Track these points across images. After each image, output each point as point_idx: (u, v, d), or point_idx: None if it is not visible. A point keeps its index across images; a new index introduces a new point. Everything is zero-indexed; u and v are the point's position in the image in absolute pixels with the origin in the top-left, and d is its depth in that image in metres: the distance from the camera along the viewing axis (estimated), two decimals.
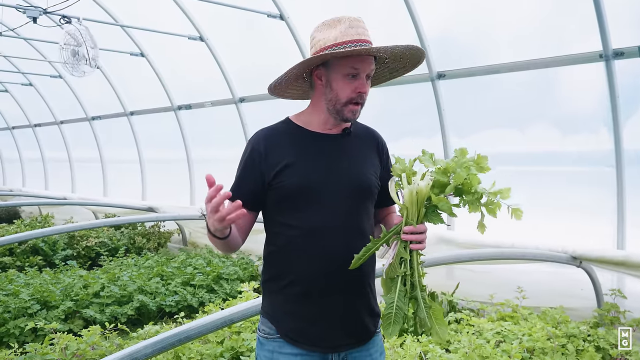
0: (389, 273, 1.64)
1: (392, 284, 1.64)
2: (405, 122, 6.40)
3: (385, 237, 1.66)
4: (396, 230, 1.64)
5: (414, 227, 1.60)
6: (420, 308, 1.60)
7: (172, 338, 2.46)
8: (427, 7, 5.39)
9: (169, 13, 7.58)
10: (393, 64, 1.91)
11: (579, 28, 4.82)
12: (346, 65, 1.75)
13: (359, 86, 1.76)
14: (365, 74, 1.77)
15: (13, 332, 4.61)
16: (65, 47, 6.30)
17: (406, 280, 1.62)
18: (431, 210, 1.62)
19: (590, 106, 4.91)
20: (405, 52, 1.82)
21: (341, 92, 1.77)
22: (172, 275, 6.12)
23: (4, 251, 7.70)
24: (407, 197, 1.59)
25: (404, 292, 1.61)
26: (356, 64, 1.74)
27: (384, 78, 1.99)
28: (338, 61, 1.76)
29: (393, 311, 1.59)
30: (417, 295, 1.61)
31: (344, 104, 1.78)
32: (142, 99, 9.98)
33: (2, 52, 10.95)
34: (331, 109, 1.81)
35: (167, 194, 9.94)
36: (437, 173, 1.59)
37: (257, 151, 1.82)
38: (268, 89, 1.92)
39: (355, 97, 1.77)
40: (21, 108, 13.65)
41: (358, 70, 1.75)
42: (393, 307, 1.59)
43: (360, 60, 1.75)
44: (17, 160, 15.54)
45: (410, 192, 1.58)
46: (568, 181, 5.24)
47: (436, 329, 1.60)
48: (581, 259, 4.31)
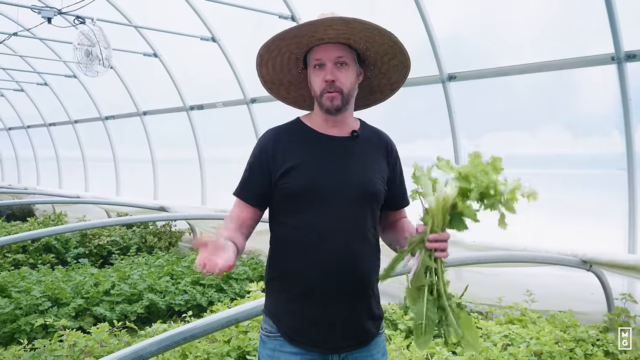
0: (415, 283, 1.60)
1: (418, 293, 1.60)
2: (416, 124, 6.38)
3: (411, 246, 1.62)
4: (421, 239, 1.60)
5: (439, 235, 1.56)
6: (450, 317, 1.57)
7: (178, 336, 2.47)
8: (438, 8, 5.37)
9: (182, 14, 7.63)
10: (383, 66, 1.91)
11: (590, 30, 4.78)
12: (312, 59, 1.82)
13: (325, 74, 1.79)
14: (331, 62, 1.79)
15: (24, 328, 4.66)
16: (79, 47, 6.37)
17: (433, 290, 1.58)
18: (456, 217, 1.58)
19: (602, 109, 4.87)
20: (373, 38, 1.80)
21: (315, 85, 1.83)
22: (182, 274, 6.15)
23: (17, 248, 7.78)
24: (435, 205, 1.56)
25: (432, 302, 1.58)
26: (317, 55, 1.81)
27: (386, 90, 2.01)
28: (309, 58, 1.84)
29: (423, 321, 1.56)
30: (444, 304, 1.58)
31: (320, 96, 1.81)
32: (155, 99, 10.05)
33: (18, 52, 11.08)
34: (318, 105, 1.85)
35: (179, 194, 10.00)
36: (458, 179, 1.55)
37: (265, 150, 1.83)
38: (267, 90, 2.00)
39: (325, 86, 1.79)
40: (36, 107, 13.79)
41: (320, 59, 1.80)
42: (423, 317, 1.56)
43: (322, 49, 1.80)
44: (32, 159, 15.70)
45: (437, 200, 1.55)
46: (579, 184, 5.19)
47: (467, 338, 1.56)
48: (591, 263, 4.27)
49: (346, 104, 1.83)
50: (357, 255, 1.68)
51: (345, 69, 1.81)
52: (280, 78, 1.96)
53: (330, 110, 1.81)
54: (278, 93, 2.02)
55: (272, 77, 1.96)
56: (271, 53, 1.86)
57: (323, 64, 1.80)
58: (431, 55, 5.47)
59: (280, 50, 1.85)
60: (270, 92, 2.01)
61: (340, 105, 1.81)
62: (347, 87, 1.81)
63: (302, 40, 1.81)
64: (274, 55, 1.87)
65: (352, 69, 1.83)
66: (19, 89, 13.51)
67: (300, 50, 1.86)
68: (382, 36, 1.80)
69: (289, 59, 1.90)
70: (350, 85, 1.83)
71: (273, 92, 2.01)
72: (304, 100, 2.04)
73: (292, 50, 1.86)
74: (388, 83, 1.99)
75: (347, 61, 1.82)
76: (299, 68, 1.93)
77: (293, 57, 1.89)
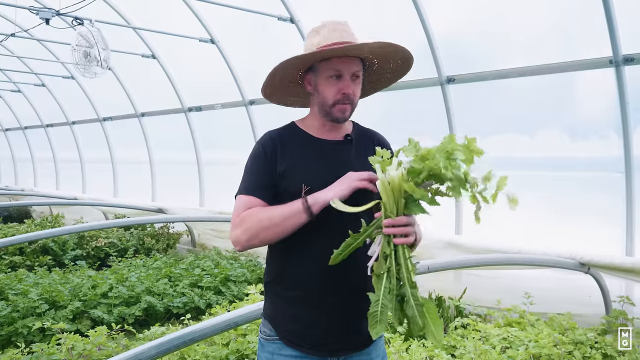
0: (376, 270, 1.56)
1: (377, 280, 1.54)
2: (415, 127, 6.39)
3: (365, 231, 1.59)
4: (377, 224, 1.57)
5: (393, 219, 1.53)
6: (410, 305, 1.49)
7: (177, 340, 2.47)
8: (437, 11, 5.38)
9: (181, 15, 7.63)
10: (384, 65, 1.92)
11: (589, 34, 4.79)
12: (329, 68, 1.80)
13: (343, 87, 1.79)
14: (349, 75, 1.80)
15: (21, 331, 4.64)
16: (77, 49, 6.35)
17: (391, 277, 1.51)
18: (411, 200, 1.51)
19: (600, 112, 4.88)
20: (387, 50, 1.82)
21: (327, 94, 1.81)
22: (180, 276, 6.14)
23: (14, 250, 7.77)
24: (380, 188, 1.53)
25: (389, 289, 1.51)
26: (338, 65, 1.78)
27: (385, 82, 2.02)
28: (322, 65, 1.81)
29: (379, 309, 1.49)
30: (405, 292, 1.50)
31: (331, 105, 1.81)
32: (153, 101, 10.04)
33: (16, 53, 11.07)
34: (322, 111, 1.85)
35: (177, 195, 9.99)
36: (414, 161, 1.48)
37: (268, 150, 1.84)
38: (264, 96, 1.96)
39: (341, 97, 1.80)
40: (34, 108, 13.77)
41: (340, 71, 1.79)
42: (378, 305, 1.49)
43: (342, 61, 1.79)
44: (29, 160, 15.67)
45: (383, 183, 1.51)
46: (577, 187, 5.21)
47: (430, 328, 1.47)
48: (589, 265, 4.28)
49: (352, 114, 1.87)
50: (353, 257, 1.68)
51: (358, 82, 1.84)
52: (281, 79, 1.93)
53: (339, 120, 1.84)
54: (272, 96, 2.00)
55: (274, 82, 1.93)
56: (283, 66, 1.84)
57: (341, 75, 1.80)
58: (430, 57, 5.48)
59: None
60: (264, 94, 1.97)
61: (349, 117, 1.85)
62: (357, 100, 1.85)
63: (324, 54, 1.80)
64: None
65: (361, 80, 1.86)
66: (16, 90, 13.49)
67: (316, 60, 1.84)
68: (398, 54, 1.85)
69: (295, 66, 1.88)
70: (358, 97, 1.87)
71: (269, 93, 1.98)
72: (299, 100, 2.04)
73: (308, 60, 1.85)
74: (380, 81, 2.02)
75: (360, 75, 1.84)
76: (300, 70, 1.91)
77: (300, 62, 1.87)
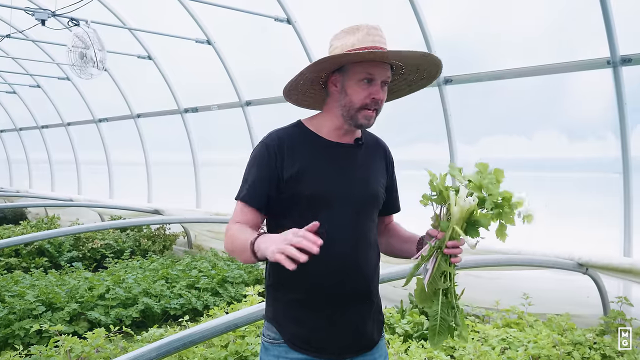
0: (430, 286, 1.69)
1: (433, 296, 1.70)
2: (412, 128, 6.39)
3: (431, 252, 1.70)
4: (438, 245, 1.68)
5: (458, 242, 1.64)
6: (458, 317, 1.69)
7: (177, 342, 2.46)
8: (434, 12, 5.38)
9: (177, 16, 7.61)
10: (410, 76, 1.91)
11: (586, 34, 4.80)
12: (361, 71, 1.75)
13: (374, 92, 1.76)
14: (380, 80, 1.76)
15: (18, 333, 4.62)
16: (73, 50, 6.33)
17: (449, 293, 1.69)
18: (471, 225, 1.67)
19: (598, 113, 4.89)
20: (421, 61, 1.81)
21: (355, 97, 1.77)
22: (177, 278, 6.12)
23: (10, 252, 7.73)
24: (458, 214, 1.63)
25: (447, 304, 1.69)
26: (371, 70, 1.74)
27: (403, 91, 2.00)
28: (353, 67, 1.76)
29: (438, 323, 1.67)
30: (454, 304, 1.70)
31: (357, 109, 1.77)
32: (149, 102, 10.01)
33: (11, 54, 11.02)
34: (345, 114, 1.80)
35: (173, 197, 9.97)
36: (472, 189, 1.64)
37: (273, 151, 1.78)
38: (283, 93, 1.90)
39: (370, 102, 1.76)
40: (29, 110, 13.72)
41: (373, 75, 1.75)
42: (437, 319, 1.67)
43: (375, 65, 1.75)
44: (24, 162, 15.61)
45: (462, 209, 1.62)
46: (575, 188, 5.22)
47: (463, 333, 1.70)
48: (587, 266, 4.29)
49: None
50: (362, 261, 1.67)
51: (386, 89, 1.81)
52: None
53: (362, 126, 1.81)
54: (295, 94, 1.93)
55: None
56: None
57: (373, 80, 1.76)
58: None
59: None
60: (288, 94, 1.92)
61: (373, 124, 1.83)
62: (382, 107, 1.82)
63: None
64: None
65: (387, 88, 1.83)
66: (11, 91, 13.43)
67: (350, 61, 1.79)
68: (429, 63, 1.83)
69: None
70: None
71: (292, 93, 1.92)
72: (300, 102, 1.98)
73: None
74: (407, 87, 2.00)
75: (388, 82, 1.82)
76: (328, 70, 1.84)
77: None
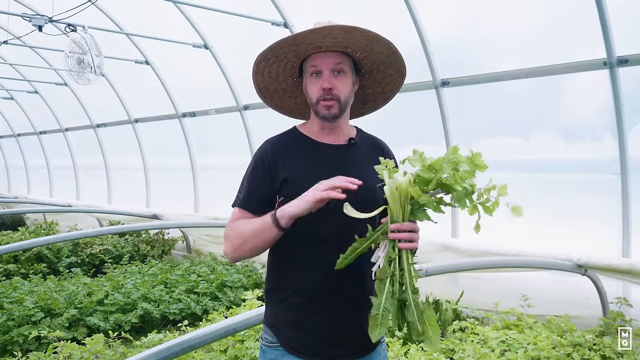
0: (380, 274, 1.59)
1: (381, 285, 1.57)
2: (410, 130, 6.39)
3: (371, 236, 1.61)
4: (383, 230, 1.60)
5: (400, 224, 1.55)
6: (410, 311, 1.52)
7: (176, 347, 2.45)
8: (431, 14, 5.39)
9: (174, 21, 7.61)
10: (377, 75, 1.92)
11: (583, 36, 4.81)
12: (309, 67, 1.83)
13: (323, 82, 1.79)
14: (328, 69, 1.80)
15: (17, 340, 4.60)
16: (70, 55, 6.33)
17: (395, 281, 1.55)
18: (417, 207, 1.56)
19: (595, 114, 4.90)
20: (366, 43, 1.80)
21: (311, 93, 1.83)
22: (176, 282, 6.11)
23: (8, 258, 7.71)
24: (388, 194, 1.56)
25: (392, 293, 1.54)
26: (314, 62, 1.81)
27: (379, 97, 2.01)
28: (305, 66, 1.85)
29: (380, 312, 1.52)
30: (407, 297, 1.53)
31: (316, 104, 1.81)
32: (147, 107, 10.00)
33: (8, 60, 11.02)
34: (314, 111, 1.85)
35: (171, 201, 9.95)
36: (422, 170, 1.53)
37: (266, 159, 1.82)
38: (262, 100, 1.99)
39: (322, 93, 1.79)
40: (26, 115, 13.70)
41: (317, 66, 1.80)
42: (380, 308, 1.52)
43: (317, 57, 1.81)
44: (22, 168, 15.58)
45: (391, 188, 1.55)
46: (573, 189, 5.21)
47: (429, 334, 1.51)
48: (586, 267, 4.29)
49: (343, 112, 1.84)
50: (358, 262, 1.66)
51: (342, 77, 1.81)
52: (276, 86, 1.96)
53: (326, 118, 1.82)
54: (272, 101, 2.02)
55: (267, 85, 1.95)
56: (268, 61, 1.86)
57: (320, 72, 1.80)
58: (424, 61, 5.48)
59: (278, 57, 1.85)
60: (264, 100, 2.00)
61: (338, 114, 1.82)
62: (344, 95, 1.81)
63: (300, 48, 1.81)
64: (270, 62, 1.87)
65: (349, 77, 1.83)
66: (9, 97, 13.42)
67: (298, 58, 1.86)
68: (380, 45, 1.81)
69: (285, 67, 1.90)
70: (347, 93, 1.83)
71: (267, 100, 2.01)
72: (297, 109, 2.05)
73: (290, 58, 1.86)
74: (382, 92, 2.00)
75: (345, 69, 1.82)
76: (295, 76, 1.94)
77: (290, 64, 1.89)
